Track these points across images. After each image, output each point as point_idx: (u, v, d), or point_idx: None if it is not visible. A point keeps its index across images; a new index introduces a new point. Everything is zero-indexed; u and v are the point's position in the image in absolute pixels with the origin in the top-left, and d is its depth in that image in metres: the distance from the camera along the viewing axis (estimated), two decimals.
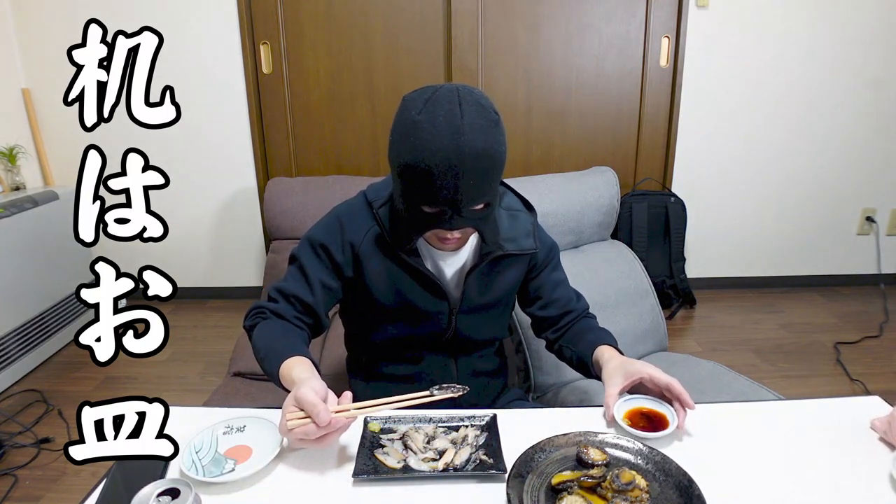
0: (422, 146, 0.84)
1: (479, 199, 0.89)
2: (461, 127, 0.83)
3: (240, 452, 0.83)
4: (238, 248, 2.97)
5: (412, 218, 0.92)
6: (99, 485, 0.78)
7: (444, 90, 0.86)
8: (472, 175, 0.85)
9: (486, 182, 0.87)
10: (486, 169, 0.86)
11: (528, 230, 1.08)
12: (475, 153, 0.83)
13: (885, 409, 0.93)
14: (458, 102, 0.84)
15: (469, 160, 0.83)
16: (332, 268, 1.03)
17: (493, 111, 0.87)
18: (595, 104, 2.77)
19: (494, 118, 0.87)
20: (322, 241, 1.03)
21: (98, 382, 2.30)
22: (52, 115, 2.75)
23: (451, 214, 0.89)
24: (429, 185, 0.85)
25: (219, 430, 0.86)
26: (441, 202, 0.87)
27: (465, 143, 0.83)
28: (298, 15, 2.64)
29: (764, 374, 2.25)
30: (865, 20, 2.65)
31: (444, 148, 0.83)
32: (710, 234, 2.96)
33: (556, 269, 1.17)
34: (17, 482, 1.73)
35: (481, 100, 0.87)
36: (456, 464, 0.81)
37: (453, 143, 0.83)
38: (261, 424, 0.87)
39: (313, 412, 0.76)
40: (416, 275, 1.02)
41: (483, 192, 0.88)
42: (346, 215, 1.05)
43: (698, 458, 0.81)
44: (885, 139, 2.84)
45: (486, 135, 0.84)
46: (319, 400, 0.77)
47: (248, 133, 2.77)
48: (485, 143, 0.84)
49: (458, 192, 0.85)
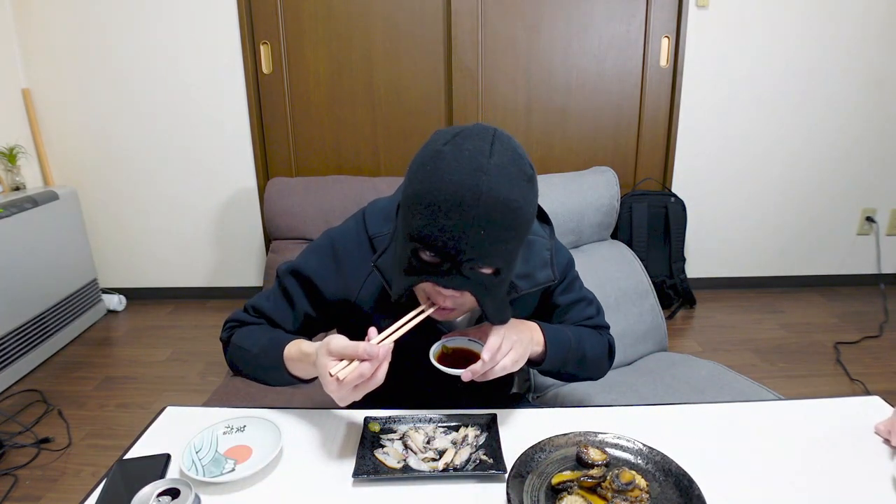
0: (437, 176, 0.72)
1: (487, 260, 0.76)
2: (485, 166, 0.71)
3: (240, 452, 0.83)
4: (238, 248, 2.97)
5: (407, 260, 0.79)
6: (99, 485, 0.78)
7: (480, 126, 0.76)
8: (483, 223, 0.72)
9: (500, 239, 0.74)
10: (504, 223, 0.73)
11: (544, 259, 0.95)
12: (494, 199, 0.71)
13: (885, 408, 0.93)
14: (492, 141, 0.74)
15: (485, 204, 0.71)
16: (319, 302, 0.95)
17: (528, 165, 0.77)
18: (595, 104, 2.77)
19: (529, 173, 0.76)
20: (312, 278, 0.94)
21: (98, 382, 2.30)
22: (52, 115, 2.75)
23: (448, 269, 0.76)
24: (432, 223, 0.73)
25: (219, 430, 0.86)
26: (440, 247, 0.74)
27: (485, 184, 0.71)
28: (298, 15, 2.64)
29: (764, 374, 2.26)
30: (865, 20, 2.65)
31: (460, 182, 0.71)
32: (710, 234, 2.96)
33: (568, 290, 1.05)
34: (17, 482, 1.73)
35: (518, 149, 0.76)
36: (456, 464, 0.81)
37: (472, 179, 0.71)
38: (261, 424, 0.87)
39: (357, 350, 0.75)
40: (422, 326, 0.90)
41: (494, 251, 0.75)
42: (344, 251, 0.94)
43: (698, 458, 0.81)
44: (885, 139, 2.84)
45: (512, 184, 0.73)
46: (342, 342, 0.76)
47: (248, 133, 2.77)
48: (509, 193, 0.72)
49: (462, 239, 0.73)
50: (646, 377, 1.52)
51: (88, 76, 2.68)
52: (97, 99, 2.72)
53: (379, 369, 0.77)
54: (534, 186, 0.78)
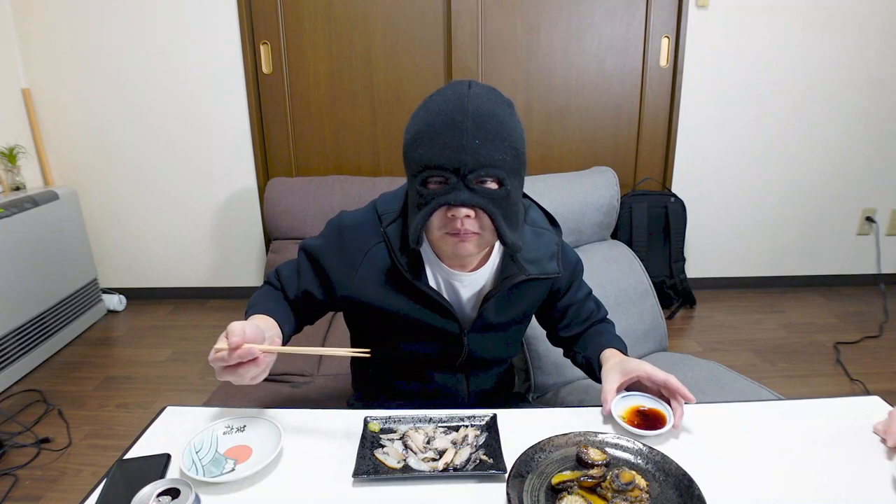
0: (428, 112, 0.84)
1: (486, 168, 0.82)
2: (467, 92, 0.83)
3: (240, 452, 0.83)
4: (238, 248, 2.97)
5: (416, 200, 0.86)
6: (99, 485, 0.78)
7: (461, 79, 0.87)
8: (475, 135, 0.81)
9: (494, 147, 0.82)
10: (494, 132, 0.82)
11: (552, 251, 1.02)
12: (479, 111, 0.82)
13: (885, 408, 0.93)
14: (469, 82, 0.85)
15: (472, 116, 0.81)
16: (323, 282, 0.99)
17: (505, 97, 0.87)
18: (595, 104, 2.77)
19: (508, 100, 0.87)
20: (318, 255, 0.99)
21: (98, 382, 2.30)
22: (52, 115, 2.75)
23: (456, 184, 0.82)
24: (430, 146, 0.82)
25: (219, 430, 0.86)
26: (443, 166, 0.82)
27: (469, 102, 0.82)
28: (298, 15, 2.64)
29: (764, 374, 2.26)
30: (866, 20, 2.65)
31: (450, 109, 0.82)
32: (710, 234, 2.96)
33: (579, 288, 1.13)
34: (17, 482, 1.73)
35: (496, 90, 0.87)
36: (456, 464, 0.81)
37: (458, 102, 0.82)
38: (261, 424, 0.87)
39: (227, 332, 0.77)
40: (422, 297, 0.96)
41: (492, 160, 0.82)
42: (349, 229, 0.98)
43: (698, 458, 0.81)
44: (885, 139, 2.84)
45: (493, 102, 0.84)
46: (240, 328, 0.78)
47: (248, 133, 2.77)
48: (492, 107, 0.83)
49: (461, 151, 0.81)
50: None
51: (88, 76, 2.68)
52: (97, 99, 2.72)
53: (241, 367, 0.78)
54: (515, 113, 0.87)
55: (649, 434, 0.84)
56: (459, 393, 1.09)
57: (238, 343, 0.76)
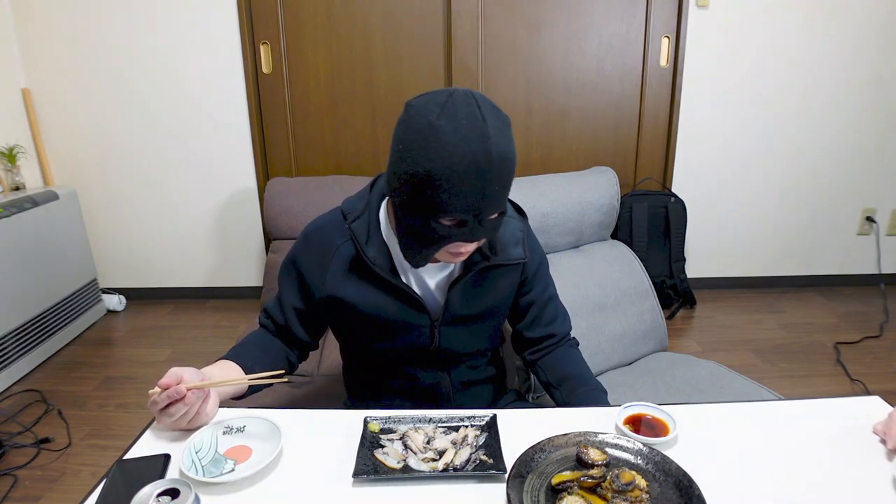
0: (447, 151, 0.78)
1: (500, 207, 0.85)
2: (487, 130, 0.78)
3: (240, 452, 0.83)
4: (238, 248, 2.97)
5: (425, 234, 0.86)
6: (99, 485, 0.78)
7: (459, 94, 0.81)
8: (498, 180, 0.81)
9: (507, 187, 0.85)
10: (509, 174, 0.83)
11: (517, 238, 1.03)
12: (502, 157, 0.80)
13: (886, 408, 0.93)
14: (477, 106, 0.80)
15: (497, 164, 0.79)
16: (302, 289, 1.02)
17: (505, 115, 0.85)
18: (595, 104, 2.77)
19: (507, 121, 0.85)
20: (293, 261, 1.03)
21: (98, 382, 2.30)
22: (52, 115, 2.75)
23: (473, 225, 0.84)
24: (451, 195, 0.80)
25: (219, 430, 0.86)
26: (464, 211, 0.81)
27: (493, 147, 0.79)
28: (298, 15, 2.64)
29: (764, 374, 2.26)
30: (866, 19, 2.65)
31: (474, 152, 0.78)
32: (710, 234, 2.96)
33: (545, 287, 1.12)
34: (17, 482, 1.73)
35: (493, 104, 0.85)
36: (456, 464, 0.81)
37: (482, 147, 0.78)
38: (261, 424, 0.87)
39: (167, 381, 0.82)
40: (393, 290, 0.98)
41: (504, 199, 0.86)
42: (315, 232, 1.02)
43: (698, 458, 0.81)
44: (885, 139, 2.84)
45: (507, 138, 0.82)
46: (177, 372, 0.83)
47: (248, 133, 2.77)
48: (508, 147, 0.81)
49: (484, 199, 0.81)
50: (646, 377, 1.52)
51: (88, 76, 2.68)
52: (97, 99, 2.72)
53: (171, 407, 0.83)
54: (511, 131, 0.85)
55: (652, 441, 0.84)
56: (442, 387, 1.09)
57: (167, 383, 0.81)
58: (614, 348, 1.66)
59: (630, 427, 0.88)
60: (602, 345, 1.65)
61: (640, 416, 0.91)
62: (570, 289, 1.69)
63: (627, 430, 0.86)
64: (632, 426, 0.88)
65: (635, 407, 0.92)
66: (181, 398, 0.82)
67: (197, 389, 0.84)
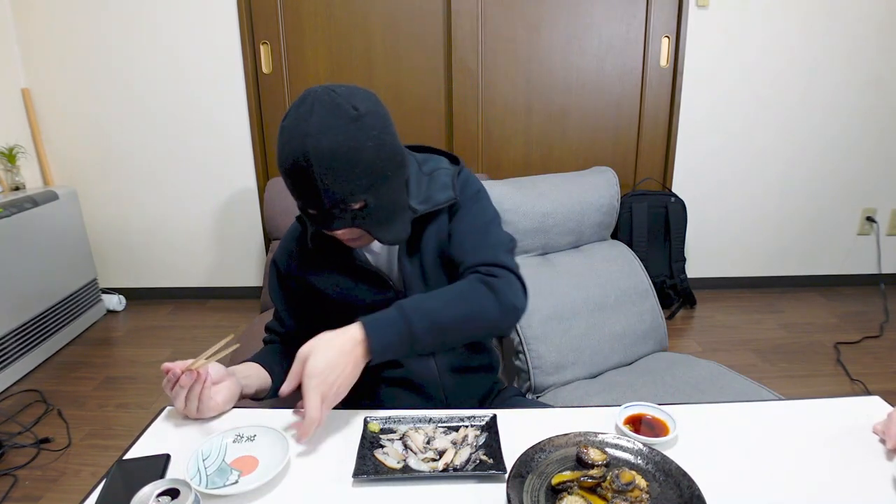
0: (280, 152, 0.86)
1: (350, 199, 0.87)
2: (308, 128, 0.83)
3: (246, 463, 0.82)
4: (238, 248, 2.97)
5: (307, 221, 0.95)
6: (99, 485, 0.78)
7: (308, 94, 0.86)
8: (328, 175, 0.84)
9: (347, 181, 0.85)
10: (343, 168, 0.84)
11: (445, 183, 1.01)
12: (323, 152, 0.83)
13: (886, 408, 0.93)
14: (313, 104, 0.84)
15: (317, 161, 0.83)
16: (283, 284, 1.08)
17: (352, 108, 0.84)
18: (595, 104, 2.77)
19: (352, 114, 0.84)
20: (273, 260, 1.10)
21: (98, 382, 2.30)
22: (52, 115, 2.75)
23: (323, 216, 0.89)
24: (296, 190, 0.87)
25: (229, 438, 0.85)
26: (309, 205, 0.88)
27: (310, 143, 0.82)
28: (298, 15, 2.64)
29: (764, 374, 2.25)
30: (866, 19, 2.65)
31: (293, 150, 0.83)
32: (710, 234, 2.96)
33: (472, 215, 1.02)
34: (17, 482, 1.73)
35: (341, 99, 0.85)
36: (456, 464, 0.80)
37: (300, 144, 0.83)
38: (271, 436, 0.85)
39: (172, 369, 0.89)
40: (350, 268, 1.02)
41: (349, 191, 0.86)
42: (288, 230, 1.10)
43: (698, 458, 0.81)
44: (885, 139, 2.84)
45: (335, 133, 0.83)
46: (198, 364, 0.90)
47: (248, 133, 2.77)
48: (332, 142, 0.83)
49: (318, 193, 0.85)
50: (646, 377, 1.52)
51: (88, 76, 2.68)
52: (97, 99, 2.72)
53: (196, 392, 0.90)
54: (364, 122, 0.85)
55: (652, 441, 0.84)
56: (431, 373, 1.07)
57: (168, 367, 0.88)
58: (614, 348, 1.66)
59: (630, 427, 0.88)
60: (602, 345, 1.65)
61: (640, 416, 0.91)
62: (570, 289, 1.69)
63: (627, 430, 0.87)
64: (632, 426, 0.88)
65: (635, 407, 0.92)
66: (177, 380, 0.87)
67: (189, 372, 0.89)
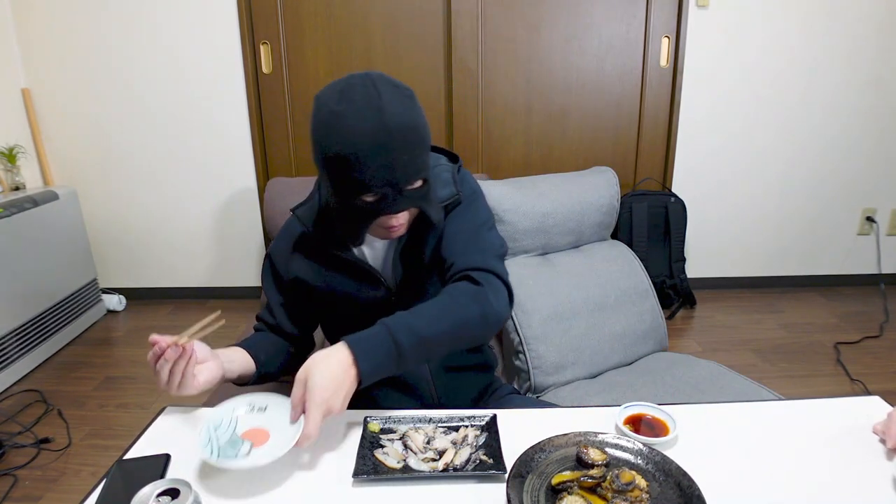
0: (348, 132, 0.83)
1: (416, 176, 0.89)
2: (381, 105, 0.83)
3: (257, 435, 0.81)
4: (238, 248, 2.97)
5: (353, 213, 0.91)
6: (99, 485, 0.78)
7: (357, 78, 0.86)
8: (403, 151, 0.85)
9: (418, 156, 0.88)
10: (416, 142, 0.86)
11: (447, 179, 1.02)
12: (402, 127, 0.84)
13: (886, 408, 0.93)
14: (373, 84, 0.85)
15: (398, 136, 0.84)
16: (277, 280, 1.09)
17: (406, 87, 0.88)
18: (595, 104, 2.77)
19: (409, 93, 0.88)
20: (268, 255, 1.10)
21: (98, 382, 2.30)
22: (52, 115, 2.75)
23: (393, 197, 0.88)
24: (363, 172, 0.85)
25: (240, 410, 0.85)
26: (379, 186, 0.86)
27: (390, 119, 0.83)
28: (298, 15, 2.64)
29: (764, 374, 2.25)
30: (866, 19, 2.65)
31: (372, 129, 0.83)
32: (710, 234, 2.96)
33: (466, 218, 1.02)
34: (17, 482, 1.73)
35: (394, 80, 0.88)
36: (456, 464, 0.81)
37: (380, 120, 0.83)
38: (283, 407, 0.84)
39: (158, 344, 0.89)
40: (345, 265, 1.02)
41: (418, 167, 0.88)
42: (283, 228, 1.10)
43: (698, 458, 0.81)
44: (885, 139, 2.84)
45: (407, 108, 0.85)
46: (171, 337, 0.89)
47: (248, 133, 2.77)
48: (409, 118, 0.85)
49: (394, 171, 0.85)
50: (646, 377, 1.52)
51: (88, 76, 2.68)
52: (97, 99, 2.72)
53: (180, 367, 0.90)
54: (417, 101, 0.89)
55: (652, 441, 0.84)
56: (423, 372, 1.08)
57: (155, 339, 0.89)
58: (614, 348, 1.66)
59: (630, 427, 0.88)
60: (602, 345, 1.65)
61: (640, 416, 0.91)
62: (570, 289, 1.69)
63: (627, 430, 0.87)
64: (632, 426, 0.88)
65: (635, 407, 0.92)
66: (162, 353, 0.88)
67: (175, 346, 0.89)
